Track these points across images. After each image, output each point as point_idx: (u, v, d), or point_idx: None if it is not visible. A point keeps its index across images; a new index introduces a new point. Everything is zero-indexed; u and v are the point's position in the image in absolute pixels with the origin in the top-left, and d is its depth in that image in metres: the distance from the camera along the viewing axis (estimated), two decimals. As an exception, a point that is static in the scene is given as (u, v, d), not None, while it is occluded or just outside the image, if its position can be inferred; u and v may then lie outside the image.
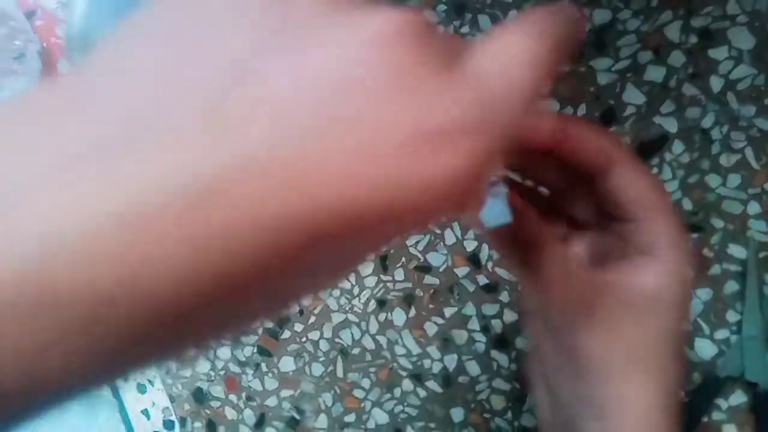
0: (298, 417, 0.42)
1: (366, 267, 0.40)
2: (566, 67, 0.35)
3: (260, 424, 0.43)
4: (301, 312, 0.41)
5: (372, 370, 0.40)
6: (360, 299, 0.40)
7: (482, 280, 0.38)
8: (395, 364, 0.40)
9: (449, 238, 0.38)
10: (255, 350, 0.43)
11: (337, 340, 0.41)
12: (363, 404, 0.41)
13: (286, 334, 0.42)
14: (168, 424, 0.46)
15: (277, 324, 0.42)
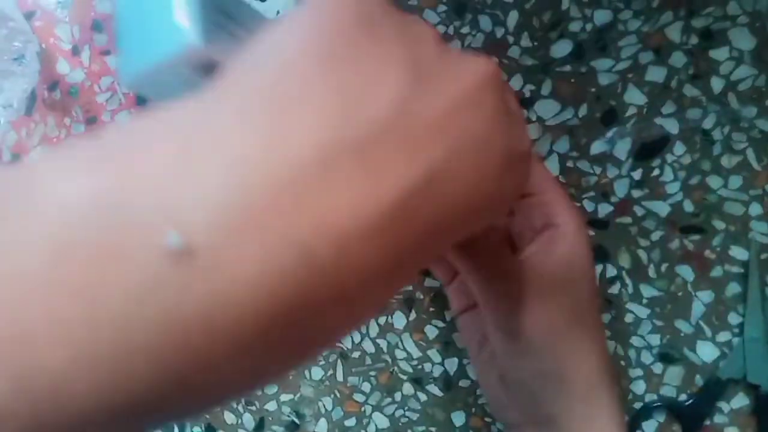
0: (297, 421, 0.42)
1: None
2: (567, 68, 0.35)
3: (259, 428, 0.43)
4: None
5: (372, 373, 0.40)
6: (360, 302, 0.40)
7: (483, 282, 0.38)
8: (396, 368, 0.39)
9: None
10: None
11: (336, 343, 0.40)
12: (363, 408, 0.40)
13: (286, 337, 0.41)
14: (167, 427, 0.46)
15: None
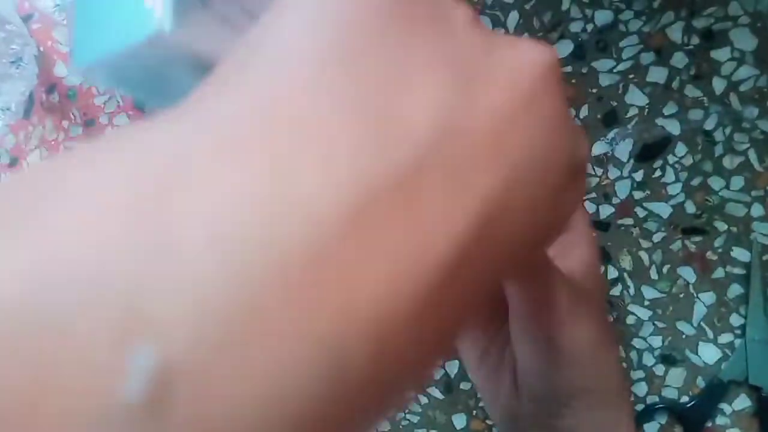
0: (297, 423, 0.42)
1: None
2: (569, 68, 0.35)
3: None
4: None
5: (372, 375, 0.40)
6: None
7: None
8: (396, 370, 0.39)
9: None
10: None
11: None
12: (363, 410, 0.40)
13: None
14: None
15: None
